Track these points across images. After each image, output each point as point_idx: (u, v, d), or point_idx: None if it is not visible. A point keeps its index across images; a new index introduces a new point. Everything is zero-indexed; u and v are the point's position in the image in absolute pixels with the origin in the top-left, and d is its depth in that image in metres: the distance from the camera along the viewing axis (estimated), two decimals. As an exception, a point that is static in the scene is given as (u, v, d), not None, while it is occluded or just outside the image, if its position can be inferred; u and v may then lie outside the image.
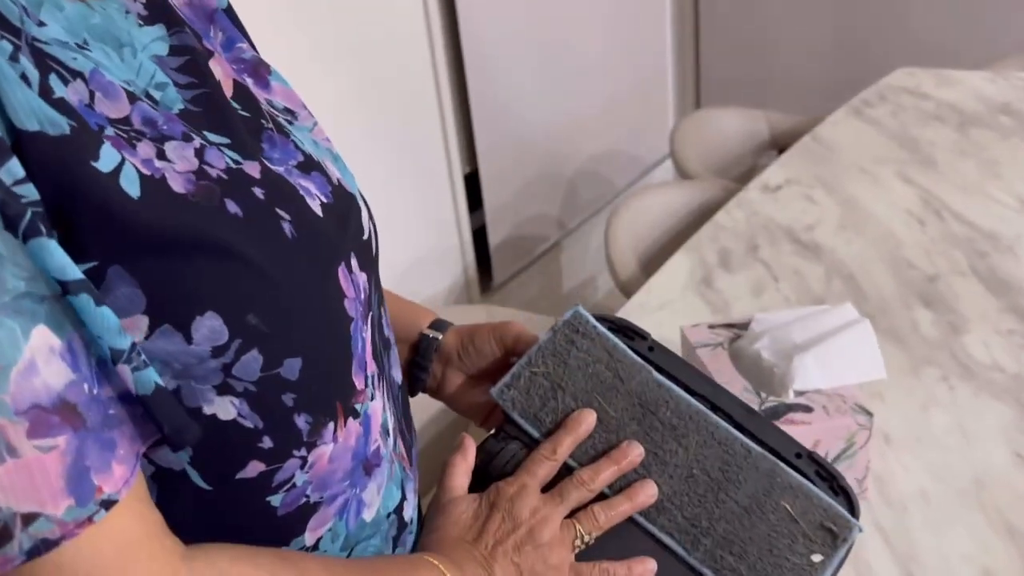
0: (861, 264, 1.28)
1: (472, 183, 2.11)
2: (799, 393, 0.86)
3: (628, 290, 1.46)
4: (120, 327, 0.39)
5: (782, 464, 0.63)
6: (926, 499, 0.85)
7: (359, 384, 0.52)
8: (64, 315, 0.37)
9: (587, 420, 0.65)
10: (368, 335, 0.54)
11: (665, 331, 1.11)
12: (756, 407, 0.85)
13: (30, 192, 0.36)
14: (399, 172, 1.89)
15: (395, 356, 0.62)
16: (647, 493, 0.62)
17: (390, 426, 0.57)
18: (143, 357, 0.40)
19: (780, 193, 1.55)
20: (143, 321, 0.40)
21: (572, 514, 0.62)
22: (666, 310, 1.25)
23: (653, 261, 1.59)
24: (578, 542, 0.60)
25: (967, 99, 1.81)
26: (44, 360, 0.36)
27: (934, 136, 1.66)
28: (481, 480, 0.64)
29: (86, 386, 0.38)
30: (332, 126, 1.97)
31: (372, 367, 0.54)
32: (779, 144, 2.11)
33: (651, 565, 0.60)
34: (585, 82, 2.41)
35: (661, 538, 0.62)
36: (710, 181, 1.82)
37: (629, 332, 0.70)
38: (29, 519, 0.36)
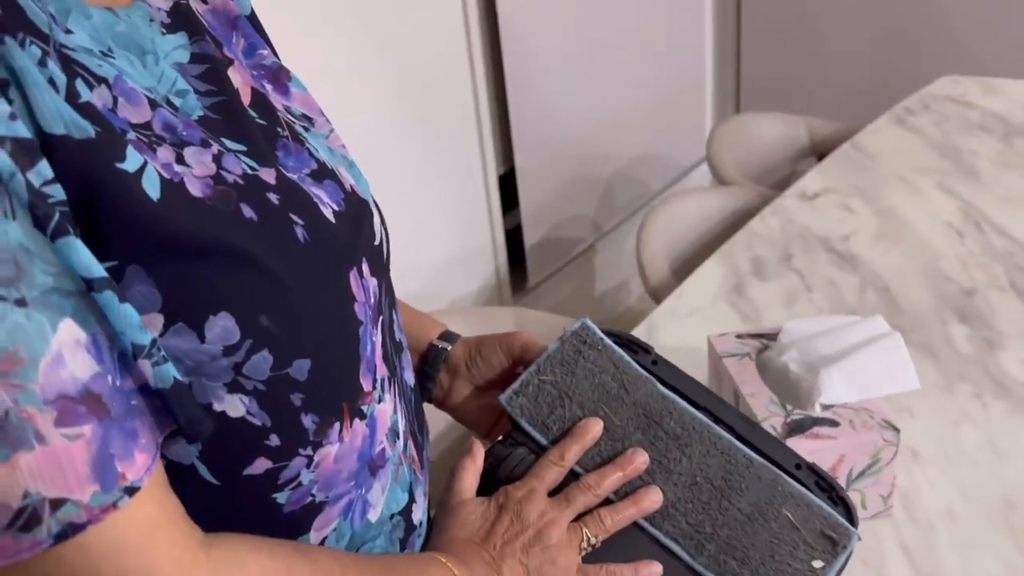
0: (897, 276, 1.26)
1: (508, 183, 2.12)
2: (826, 407, 0.85)
3: (658, 296, 1.46)
4: (141, 323, 0.40)
5: (783, 474, 0.65)
6: (953, 518, 0.84)
7: (367, 386, 0.53)
8: (89, 310, 0.38)
9: (594, 428, 0.66)
10: (378, 338, 0.55)
11: (693, 339, 1.11)
12: (781, 420, 0.84)
13: (58, 192, 0.38)
14: (433, 170, 1.90)
15: (407, 359, 0.63)
16: (652, 499, 0.63)
17: (400, 429, 0.58)
18: (162, 352, 0.41)
19: (817, 201, 1.53)
20: (159, 319, 0.41)
21: (579, 518, 0.63)
22: (695, 317, 1.24)
23: (685, 267, 1.58)
24: (585, 545, 0.61)
25: (1014, 109, 1.77)
26: (70, 352, 0.37)
27: (978, 146, 1.63)
28: (489, 484, 0.65)
29: (110, 378, 0.39)
30: (367, 124, 1.98)
31: (382, 370, 0.55)
32: (819, 151, 2.08)
33: (657, 568, 0.61)
34: (624, 83, 2.41)
35: (666, 543, 0.64)
36: (746, 187, 1.80)
37: (633, 346, 0.72)
38: (57, 504, 0.37)
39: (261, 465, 0.47)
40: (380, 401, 0.54)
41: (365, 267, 0.54)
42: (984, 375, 1.02)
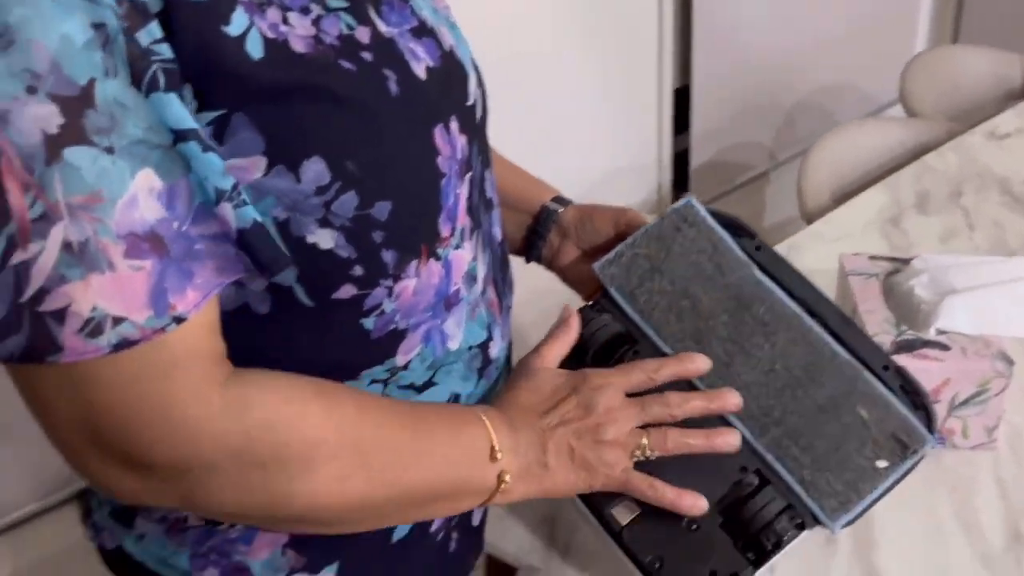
0: (1075, 224, 1.17)
1: (683, 101, 2.09)
2: (941, 333, 0.83)
3: (812, 220, 1.42)
4: (224, 170, 0.46)
5: (867, 373, 0.64)
6: (1063, 463, 0.80)
7: (445, 232, 0.58)
8: (173, 162, 0.45)
9: (699, 363, 0.65)
10: (463, 191, 0.59)
11: (833, 263, 1.09)
12: (891, 338, 0.83)
13: (164, 51, 0.44)
14: (608, 78, 1.91)
15: (496, 216, 0.68)
16: (727, 440, 0.62)
17: (479, 275, 0.63)
18: (243, 196, 0.47)
19: (1007, 142, 1.43)
20: (262, 161, 0.48)
21: (646, 428, 0.62)
22: (841, 242, 1.21)
23: (849, 197, 1.52)
24: (639, 452, 0.61)
25: None
26: (144, 197, 0.44)
27: None
28: None
29: (176, 224, 0.46)
30: (549, 29, 2.01)
31: (464, 220, 0.60)
32: (1033, 93, 1.90)
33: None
34: (826, 5, 2.28)
35: (730, 419, 0.65)
36: (936, 122, 1.69)
37: (739, 230, 0.72)
38: (118, 321, 0.44)
39: (347, 291, 0.54)
40: (458, 247, 0.59)
41: (454, 124, 0.58)
42: None
